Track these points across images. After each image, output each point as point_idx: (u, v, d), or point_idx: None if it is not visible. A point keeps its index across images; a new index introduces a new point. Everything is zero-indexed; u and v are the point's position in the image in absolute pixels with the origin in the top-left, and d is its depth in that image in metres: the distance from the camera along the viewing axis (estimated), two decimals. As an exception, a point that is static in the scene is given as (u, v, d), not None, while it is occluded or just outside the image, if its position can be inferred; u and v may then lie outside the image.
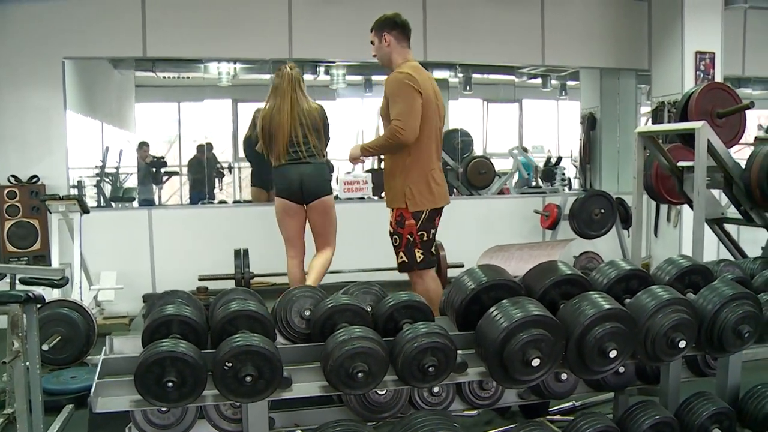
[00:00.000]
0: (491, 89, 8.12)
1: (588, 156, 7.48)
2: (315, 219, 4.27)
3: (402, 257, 3.63)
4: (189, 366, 1.93)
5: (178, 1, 5.59)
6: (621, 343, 2.11)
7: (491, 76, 7.80)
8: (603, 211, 5.74)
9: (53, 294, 4.18)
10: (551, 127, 9.43)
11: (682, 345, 2.18)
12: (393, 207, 3.64)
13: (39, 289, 2.93)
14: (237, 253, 5.16)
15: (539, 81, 8.34)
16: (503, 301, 2.15)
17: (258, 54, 5.93)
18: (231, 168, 8.42)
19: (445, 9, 6.08)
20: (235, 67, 7.07)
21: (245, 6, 5.71)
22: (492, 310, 2.13)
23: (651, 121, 6.39)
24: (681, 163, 4.12)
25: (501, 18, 6.26)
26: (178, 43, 5.58)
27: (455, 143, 6.98)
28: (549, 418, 3.16)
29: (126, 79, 6.91)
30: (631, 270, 2.42)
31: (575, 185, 8.17)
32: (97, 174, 6.57)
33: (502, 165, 7.62)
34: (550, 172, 7.74)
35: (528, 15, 6.35)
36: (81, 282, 4.50)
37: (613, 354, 2.09)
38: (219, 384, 1.97)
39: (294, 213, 4.20)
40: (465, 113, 7.38)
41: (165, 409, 2.19)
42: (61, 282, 3.28)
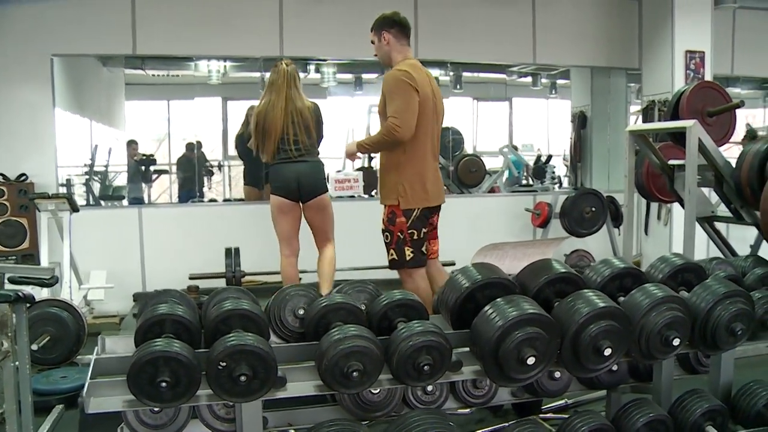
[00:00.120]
0: (481, 87, 8.13)
1: (579, 154, 7.50)
2: (313, 217, 4.27)
3: (392, 254, 3.64)
4: (183, 366, 1.91)
5: (168, -2, 5.57)
6: (615, 341, 2.11)
7: (481, 74, 7.81)
8: (594, 210, 5.76)
9: (42, 293, 4.14)
10: (541, 126, 9.45)
11: (676, 343, 2.18)
12: (385, 204, 3.64)
13: (28, 289, 2.90)
14: (228, 252, 5.13)
15: (529, 79, 8.36)
16: (498, 300, 2.15)
17: (249, 52, 5.91)
18: (221, 166, 8.39)
19: (437, 8, 6.08)
20: (225, 65, 7.05)
21: (236, 3, 5.68)
22: (487, 308, 2.13)
23: (641, 120, 6.41)
24: (672, 162, 4.14)
25: (492, 17, 6.27)
26: (168, 41, 5.54)
27: (446, 141, 6.99)
28: (542, 416, 3.16)
29: (115, 77, 6.87)
30: (625, 268, 2.42)
31: (565, 183, 8.20)
32: (86, 172, 6.53)
33: (492, 163, 7.64)
34: (540, 170, 7.75)
35: (519, 14, 6.36)
36: (71, 281, 4.46)
37: (608, 352, 2.09)
38: (213, 384, 1.96)
39: (289, 210, 4.18)
40: (455, 111, 7.39)
41: (157, 409, 2.18)
42: (51, 281, 3.23)
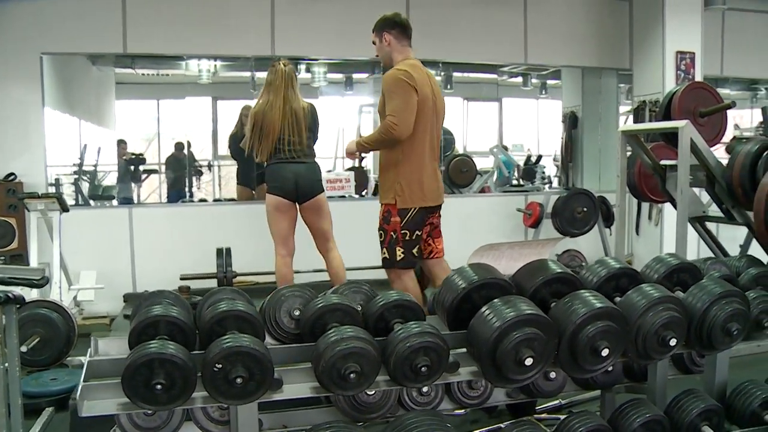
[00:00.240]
0: (472, 88, 8.15)
1: (570, 154, 7.52)
2: (311, 218, 4.30)
3: (384, 253, 3.66)
4: (178, 368, 1.89)
5: (159, -3, 5.52)
6: (613, 342, 2.11)
7: (472, 74, 7.82)
8: (585, 210, 5.77)
9: (32, 294, 4.09)
10: (531, 126, 9.48)
11: (672, 343, 2.18)
12: (383, 202, 3.66)
13: (17, 290, 2.86)
14: (219, 252, 5.11)
15: (520, 80, 8.38)
16: (495, 301, 2.13)
17: (240, 51, 5.88)
18: (211, 166, 8.35)
19: (429, 8, 6.07)
20: (216, 65, 7.02)
21: (228, 2, 5.64)
22: (484, 309, 2.12)
23: (633, 120, 6.44)
24: (664, 162, 4.15)
25: (484, 17, 6.28)
26: (159, 40, 5.49)
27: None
28: (536, 416, 3.16)
29: (105, 76, 6.82)
30: (621, 268, 2.42)
31: (555, 183, 8.22)
32: (75, 172, 6.48)
33: (482, 163, 7.65)
34: (530, 170, 7.77)
35: (511, 14, 6.37)
36: (60, 282, 4.42)
37: (605, 353, 2.09)
38: (209, 386, 1.94)
39: (286, 210, 4.20)
40: (446, 111, 7.39)
41: (151, 412, 2.16)
42: (41, 282, 3.18)
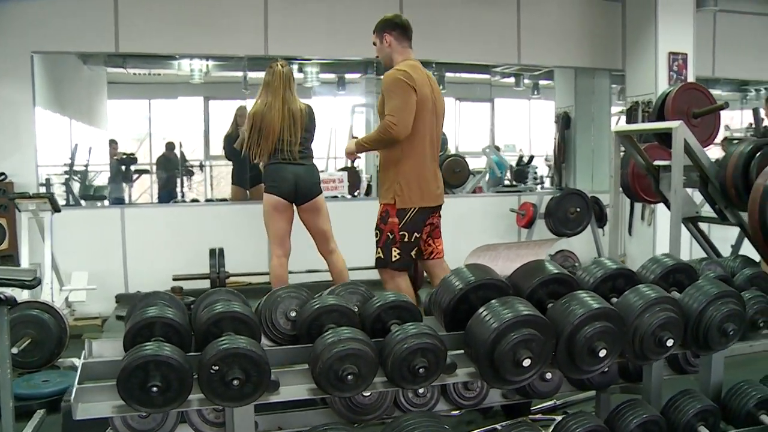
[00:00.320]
0: (464, 88, 8.15)
1: (563, 155, 7.53)
2: (310, 220, 4.30)
3: (379, 253, 3.65)
4: (174, 370, 1.87)
5: (152, -4, 5.48)
6: (610, 343, 2.11)
7: (464, 74, 7.83)
8: (578, 210, 5.78)
9: (23, 295, 4.05)
10: (523, 126, 9.50)
11: (669, 344, 2.18)
12: (382, 202, 3.66)
13: (8, 291, 2.84)
14: (212, 253, 5.09)
15: (512, 80, 8.40)
16: (492, 302, 2.13)
17: (233, 51, 5.86)
18: (202, 166, 8.33)
19: (422, 8, 6.06)
20: (207, 64, 6.99)
21: (221, 2, 5.61)
22: (481, 310, 2.11)
23: (625, 121, 6.46)
24: (657, 162, 4.16)
25: (477, 17, 6.27)
26: (151, 39, 5.45)
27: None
28: (531, 417, 3.16)
29: (96, 75, 6.79)
30: (618, 269, 2.42)
31: (547, 184, 8.24)
32: (66, 172, 6.44)
33: (473, 164, 7.66)
34: (521, 171, 7.79)
35: (504, 14, 6.38)
36: (52, 282, 4.38)
37: (603, 353, 2.09)
38: (205, 388, 1.92)
39: (284, 210, 4.20)
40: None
41: (145, 414, 2.14)
42: (33, 283, 3.15)
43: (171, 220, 5.78)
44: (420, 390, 2.48)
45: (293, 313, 2.31)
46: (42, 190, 5.34)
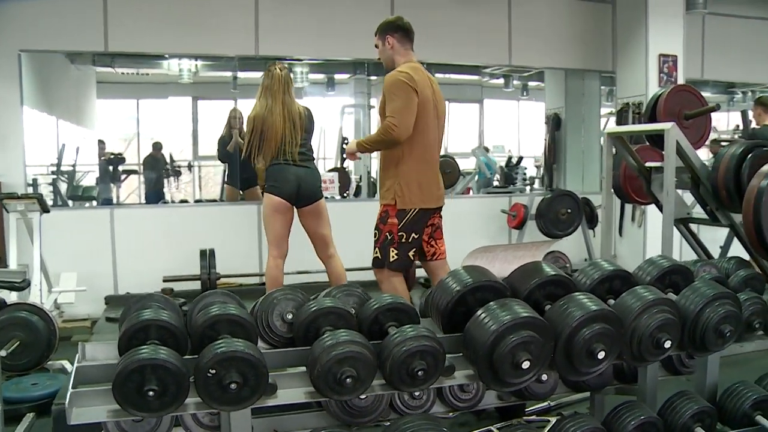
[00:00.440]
0: (453, 89, 8.15)
1: (553, 156, 7.55)
2: (311, 223, 4.29)
3: (376, 253, 3.65)
4: (171, 373, 1.85)
5: (142, -6, 5.42)
6: (608, 344, 2.11)
7: (453, 76, 7.82)
8: (569, 211, 5.78)
9: (11, 297, 4.00)
10: (512, 127, 9.51)
11: (667, 345, 2.19)
12: (382, 203, 3.66)
13: (-2, 293, 2.80)
14: (203, 254, 5.04)
15: (501, 81, 8.41)
16: (490, 304, 2.12)
17: (224, 50, 5.80)
18: (191, 166, 8.28)
19: (414, 9, 6.00)
20: (196, 64, 6.95)
21: (211, 1, 5.56)
22: (480, 312, 2.10)
23: (615, 122, 6.47)
24: (649, 164, 4.18)
25: (468, 19, 6.26)
26: (141, 38, 5.38)
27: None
28: (525, 418, 3.16)
29: (83, 75, 6.72)
30: (614, 270, 2.42)
31: (536, 185, 8.25)
32: (53, 172, 6.37)
33: (463, 165, 7.66)
34: (510, 172, 7.80)
35: (495, 16, 6.37)
36: (41, 284, 4.32)
37: (601, 355, 2.09)
38: (202, 392, 1.90)
39: (285, 211, 4.18)
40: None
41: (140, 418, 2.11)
42: (23, 284, 3.11)
43: (161, 220, 5.72)
44: (416, 392, 2.47)
45: (290, 316, 2.28)
46: (29, 190, 5.27)
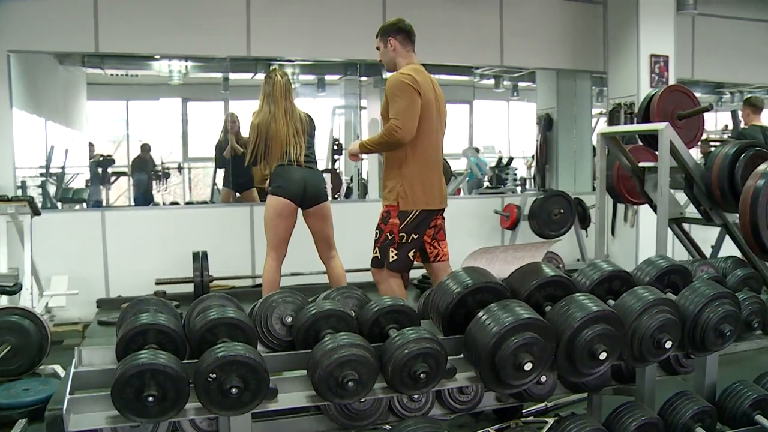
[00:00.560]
0: (444, 90, 8.12)
1: (545, 156, 7.56)
2: (316, 224, 4.29)
3: (376, 252, 3.65)
4: (170, 378, 1.82)
5: (133, -5, 5.38)
6: (610, 345, 2.10)
7: (444, 76, 7.82)
8: (562, 211, 5.80)
9: (2, 301, 3.96)
10: (502, 128, 9.52)
11: (668, 345, 2.18)
12: (384, 204, 3.66)
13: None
14: (195, 256, 5.00)
15: (491, 82, 8.40)
16: (492, 305, 2.11)
17: (215, 51, 5.76)
18: (180, 168, 8.23)
19: (406, 9, 5.99)
20: (186, 65, 6.90)
21: (203, 2, 5.52)
22: (481, 314, 2.09)
23: (607, 122, 6.49)
24: (642, 164, 4.18)
25: (460, 19, 6.27)
26: (132, 39, 5.33)
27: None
28: (523, 419, 3.15)
29: (72, 76, 6.66)
30: (614, 271, 2.41)
31: (527, 185, 8.26)
32: (42, 174, 6.31)
33: (453, 166, 7.65)
34: (500, 174, 7.81)
35: (487, 16, 6.38)
36: (32, 288, 4.27)
37: (603, 356, 2.08)
38: (202, 397, 1.87)
39: (289, 214, 4.17)
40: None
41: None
42: (15, 288, 3.09)
43: (152, 223, 5.67)
44: (415, 395, 2.45)
45: (289, 319, 2.26)
46: (18, 192, 5.21)
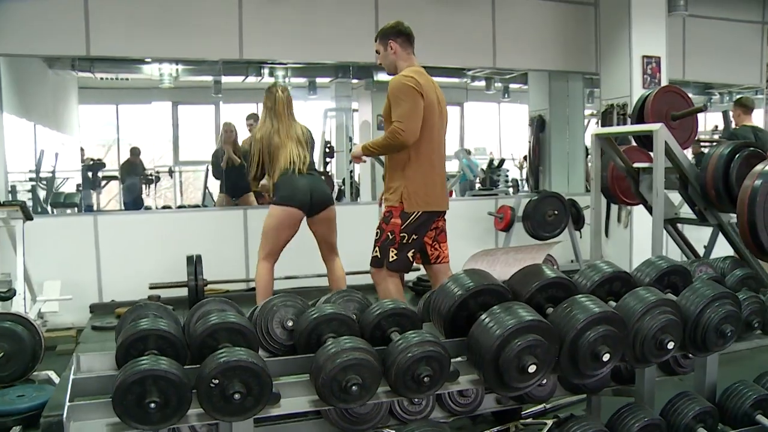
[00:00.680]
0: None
1: (538, 158, 7.57)
2: (322, 230, 4.32)
3: (376, 252, 3.65)
4: (173, 384, 1.80)
5: (124, -1, 5.34)
6: (612, 346, 2.10)
7: (436, 78, 7.82)
8: (556, 213, 5.79)
9: (-6, 307, 3.92)
10: (493, 130, 9.55)
11: (670, 346, 2.18)
12: (387, 205, 3.66)
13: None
14: (189, 260, 4.96)
15: (482, 84, 8.43)
16: (494, 308, 2.10)
17: (207, 54, 5.72)
18: (171, 172, 8.20)
19: (398, 11, 6.00)
20: (177, 68, 6.87)
21: (195, 5, 5.49)
22: (484, 317, 2.08)
23: (600, 124, 6.50)
24: (637, 165, 4.19)
25: (453, 21, 6.26)
26: (124, 42, 5.28)
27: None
28: (522, 421, 3.15)
29: (61, 80, 6.62)
30: (614, 272, 2.41)
31: (519, 187, 8.28)
32: (32, 179, 6.26)
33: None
34: (491, 176, 7.82)
35: (479, 18, 6.37)
36: (24, 293, 4.22)
37: (606, 357, 2.07)
38: (204, 402, 1.85)
39: (293, 224, 4.19)
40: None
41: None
42: (8, 294, 3.05)
43: (145, 227, 5.63)
44: (416, 398, 2.44)
45: (290, 323, 2.24)
46: (9, 197, 5.16)
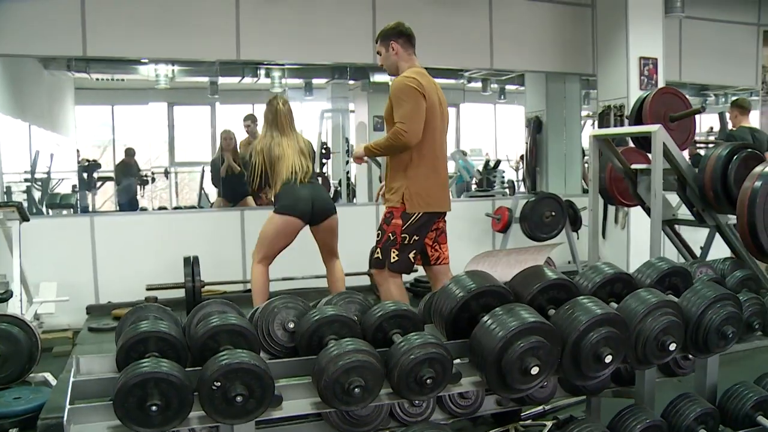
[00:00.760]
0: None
1: (535, 159, 7.57)
2: (325, 238, 4.33)
3: (377, 253, 3.65)
4: (174, 387, 1.79)
5: (121, -1, 5.31)
6: (615, 348, 2.09)
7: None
8: (553, 214, 5.79)
9: (-10, 309, 3.89)
10: (489, 131, 9.55)
11: (672, 348, 2.18)
12: (388, 206, 3.66)
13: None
14: (187, 261, 4.93)
15: (478, 85, 8.42)
16: (496, 309, 2.09)
17: (204, 55, 5.69)
18: (167, 173, 8.18)
19: (396, 12, 6.00)
20: (173, 69, 6.85)
21: (192, 5, 5.46)
22: (486, 318, 2.07)
23: (597, 125, 6.51)
24: (635, 166, 4.20)
25: (450, 22, 6.25)
26: (120, 43, 5.24)
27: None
28: (521, 423, 3.14)
29: (56, 80, 6.59)
30: (616, 274, 2.41)
31: (515, 188, 8.28)
32: (27, 180, 6.23)
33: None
34: (488, 177, 7.81)
35: (476, 19, 6.36)
36: (21, 294, 4.20)
37: (608, 359, 2.07)
38: (206, 405, 1.84)
39: (292, 233, 4.19)
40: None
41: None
42: (5, 296, 3.03)
43: (142, 228, 5.59)
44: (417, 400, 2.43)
45: (291, 325, 2.23)
46: (4, 198, 5.13)
